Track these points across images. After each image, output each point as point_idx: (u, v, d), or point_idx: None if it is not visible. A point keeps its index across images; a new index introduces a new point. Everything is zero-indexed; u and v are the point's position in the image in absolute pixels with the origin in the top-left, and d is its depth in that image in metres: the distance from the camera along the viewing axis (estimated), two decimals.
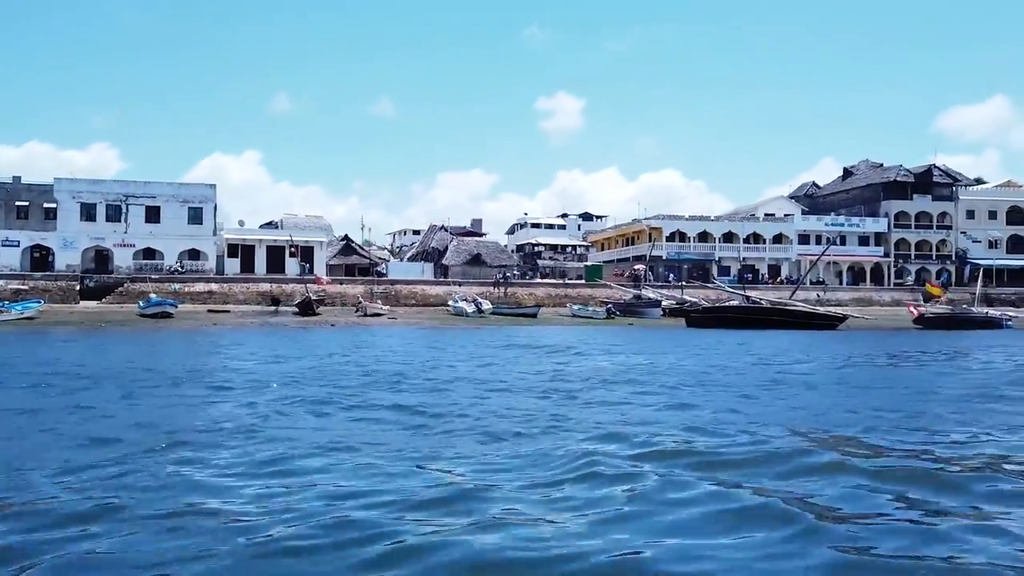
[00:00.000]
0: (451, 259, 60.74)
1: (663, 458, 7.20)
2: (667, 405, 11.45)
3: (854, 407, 11.28)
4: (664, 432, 8.68)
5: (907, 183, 75.02)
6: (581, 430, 8.91)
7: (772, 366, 18.95)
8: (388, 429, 9.19)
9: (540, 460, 7.17)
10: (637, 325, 46.59)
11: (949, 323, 43.52)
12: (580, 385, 14.06)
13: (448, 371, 16.64)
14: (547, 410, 10.74)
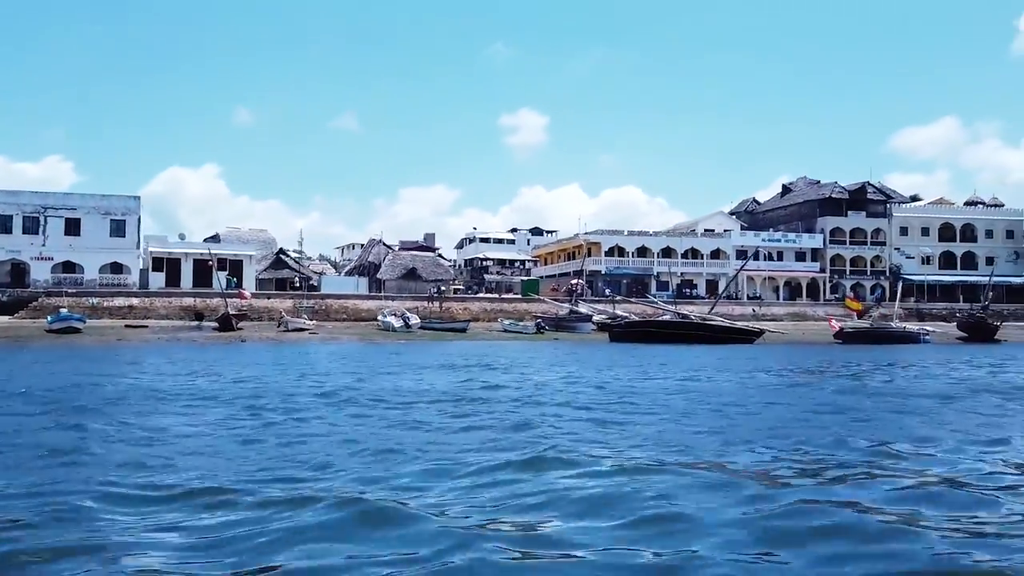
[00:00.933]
0: (386, 273, 60.09)
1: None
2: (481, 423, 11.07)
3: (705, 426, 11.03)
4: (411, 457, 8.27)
5: (842, 200, 76.44)
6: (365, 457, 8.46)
7: (655, 381, 18.74)
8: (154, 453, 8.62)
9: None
10: (566, 340, 46.49)
11: (868, 338, 44.15)
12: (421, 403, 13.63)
13: (312, 387, 16.06)
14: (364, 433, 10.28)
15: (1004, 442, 9.64)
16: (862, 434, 10.11)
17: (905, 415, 12.67)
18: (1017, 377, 21.42)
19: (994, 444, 9.49)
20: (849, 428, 10.90)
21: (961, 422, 11.69)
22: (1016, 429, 11.03)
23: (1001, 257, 78.26)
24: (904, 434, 10.32)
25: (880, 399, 15.30)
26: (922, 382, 19.68)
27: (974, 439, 9.85)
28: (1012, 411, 13.38)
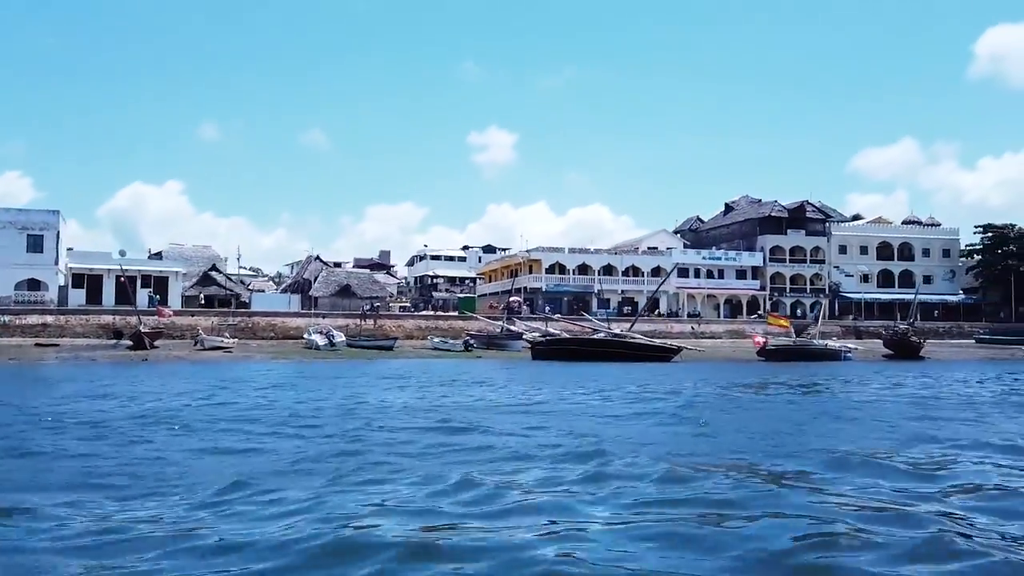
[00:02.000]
0: (319, 290, 59.15)
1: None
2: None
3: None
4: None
5: (782, 218, 77.23)
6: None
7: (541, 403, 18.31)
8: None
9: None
10: (494, 357, 46.10)
11: (790, 355, 44.33)
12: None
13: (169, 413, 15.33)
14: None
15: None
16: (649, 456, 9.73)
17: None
18: (894, 395, 21.40)
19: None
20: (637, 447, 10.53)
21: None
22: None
23: (938, 275, 79.65)
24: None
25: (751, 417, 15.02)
26: (799, 400, 19.52)
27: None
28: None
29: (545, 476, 8.57)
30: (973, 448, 11.06)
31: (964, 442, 11.64)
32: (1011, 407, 18.25)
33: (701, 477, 8.36)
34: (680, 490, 7.71)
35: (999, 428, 13.75)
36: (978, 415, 16.15)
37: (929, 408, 17.62)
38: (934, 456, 10.38)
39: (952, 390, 23.93)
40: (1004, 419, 15.44)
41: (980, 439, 12.00)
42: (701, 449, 10.92)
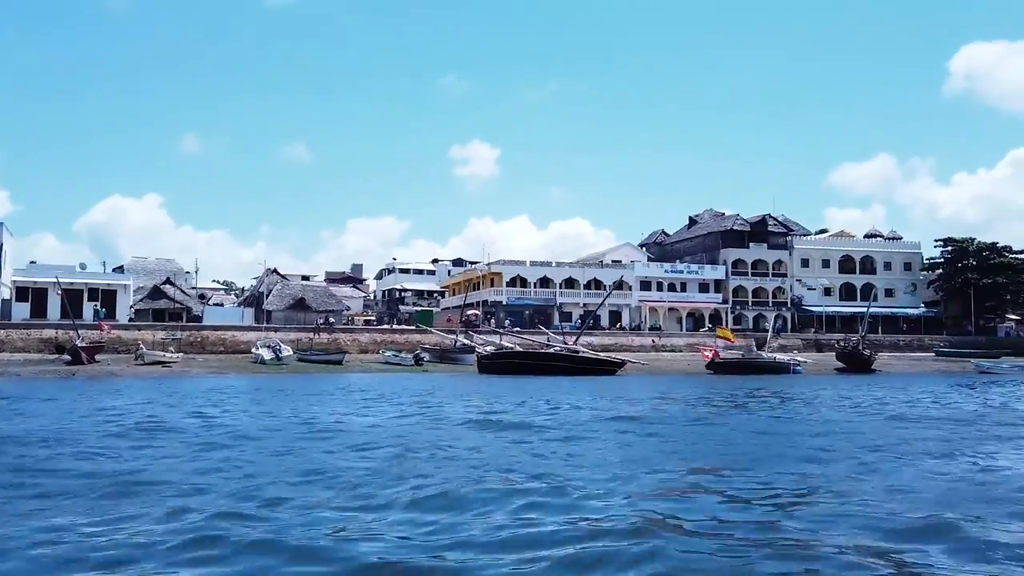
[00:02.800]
0: (273, 303, 58.32)
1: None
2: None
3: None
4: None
5: (744, 232, 77.46)
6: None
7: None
8: None
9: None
10: (443, 371, 45.64)
11: (738, 368, 44.19)
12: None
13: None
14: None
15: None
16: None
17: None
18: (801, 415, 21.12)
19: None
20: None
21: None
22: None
23: (900, 289, 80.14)
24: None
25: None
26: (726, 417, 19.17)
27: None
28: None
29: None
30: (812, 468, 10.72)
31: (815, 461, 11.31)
32: (908, 422, 18.01)
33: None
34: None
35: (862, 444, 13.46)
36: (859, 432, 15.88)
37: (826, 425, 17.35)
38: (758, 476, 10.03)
39: (876, 404, 23.74)
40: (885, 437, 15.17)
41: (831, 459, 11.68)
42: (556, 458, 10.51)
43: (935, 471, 10.36)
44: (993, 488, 9.11)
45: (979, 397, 27.15)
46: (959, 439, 14.32)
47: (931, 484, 9.33)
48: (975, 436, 14.92)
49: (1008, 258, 76.18)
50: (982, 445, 13.47)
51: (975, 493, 8.79)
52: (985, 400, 25.62)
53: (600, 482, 9.17)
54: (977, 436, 14.94)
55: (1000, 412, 20.90)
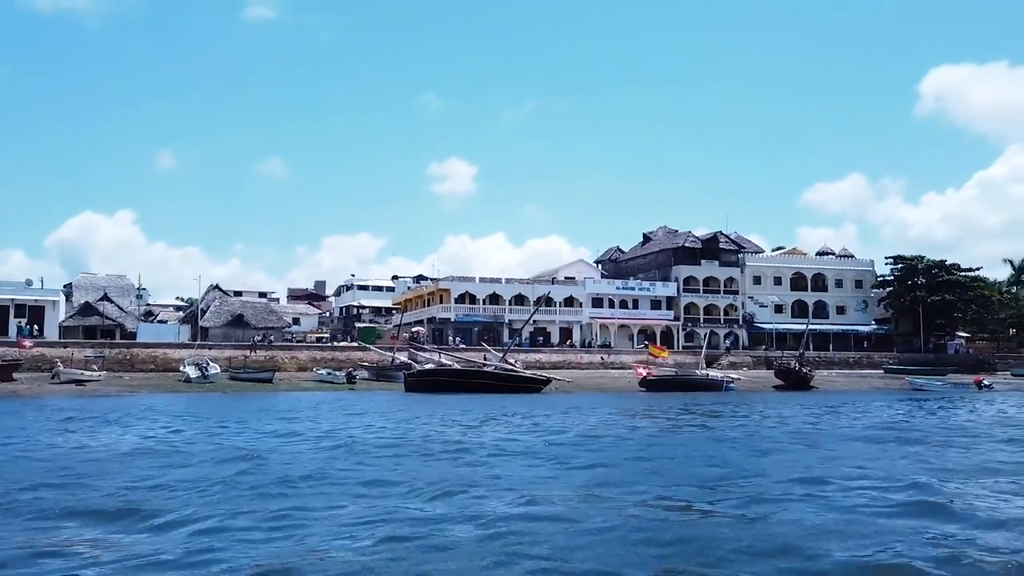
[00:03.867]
0: (211, 320, 57.17)
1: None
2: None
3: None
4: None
5: (696, 249, 77.47)
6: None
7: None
8: None
9: None
10: (376, 389, 45.05)
11: (671, 385, 43.85)
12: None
13: None
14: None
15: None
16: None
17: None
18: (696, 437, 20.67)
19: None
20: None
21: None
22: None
23: (851, 306, 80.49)
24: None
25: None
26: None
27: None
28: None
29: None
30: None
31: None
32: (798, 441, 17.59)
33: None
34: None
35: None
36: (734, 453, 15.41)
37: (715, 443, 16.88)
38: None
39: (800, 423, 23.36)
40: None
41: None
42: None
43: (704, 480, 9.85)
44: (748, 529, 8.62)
45: (885, 414, 26.91)
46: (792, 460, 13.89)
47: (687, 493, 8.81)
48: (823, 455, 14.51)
49: (956, 276, 76.78)
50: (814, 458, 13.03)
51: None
52: (889, 417, 25.38)
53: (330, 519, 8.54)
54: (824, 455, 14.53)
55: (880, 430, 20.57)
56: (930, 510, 8.84)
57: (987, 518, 8.38)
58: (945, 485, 10.59)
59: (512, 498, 9.42)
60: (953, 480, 11.14)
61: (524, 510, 8.71)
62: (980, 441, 17.49)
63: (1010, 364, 71.87)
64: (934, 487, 10.38)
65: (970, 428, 21.41)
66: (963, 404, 33.45)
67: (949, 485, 10.63)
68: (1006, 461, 13.74)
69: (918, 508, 8.92)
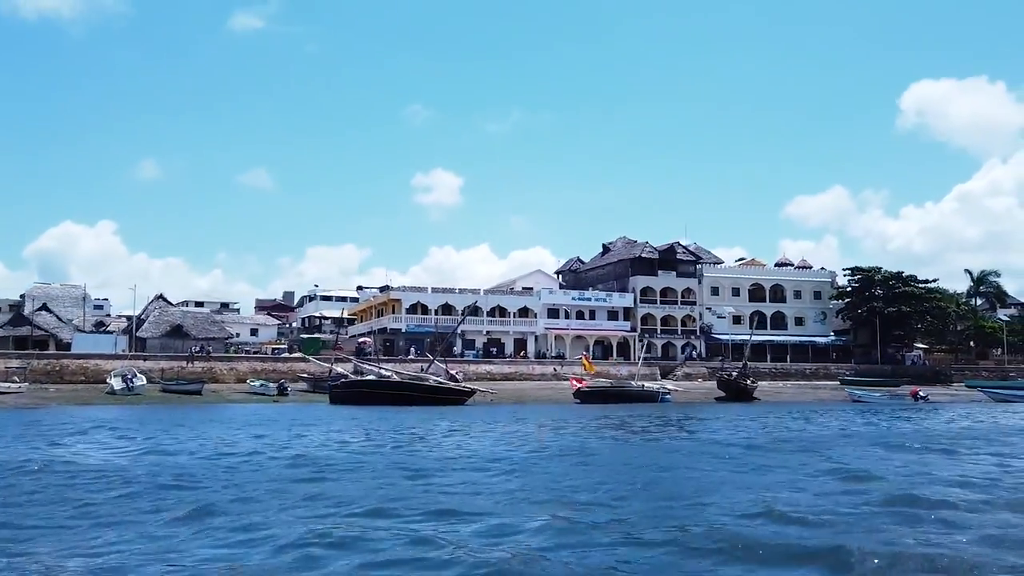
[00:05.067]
0: (149, 331, 55.98)
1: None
2: None
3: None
4: None
5: (653, 259, 77.01)
6: None
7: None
8: None
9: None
10: (312, 401, 44.15)
11: (605, 397, 43.16)
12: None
13: None
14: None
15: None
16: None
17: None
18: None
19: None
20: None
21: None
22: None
23: (810, 317, 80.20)
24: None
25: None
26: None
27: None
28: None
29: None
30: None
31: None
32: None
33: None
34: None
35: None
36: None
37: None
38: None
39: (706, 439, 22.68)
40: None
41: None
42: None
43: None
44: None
45: (795, 424, 26.29)
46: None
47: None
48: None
49: (913, 287, 76.67)
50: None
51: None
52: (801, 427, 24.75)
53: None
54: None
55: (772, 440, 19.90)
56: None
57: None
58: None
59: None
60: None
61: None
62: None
63: (967, 375, 71.72)
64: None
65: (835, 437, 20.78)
66: (885, 416, 32.91)
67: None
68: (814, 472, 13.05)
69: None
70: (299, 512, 9.17)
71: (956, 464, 14.52)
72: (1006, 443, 19.22)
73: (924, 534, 7.66)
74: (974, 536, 7.55)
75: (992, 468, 13.70)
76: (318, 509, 9.40)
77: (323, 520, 8.62)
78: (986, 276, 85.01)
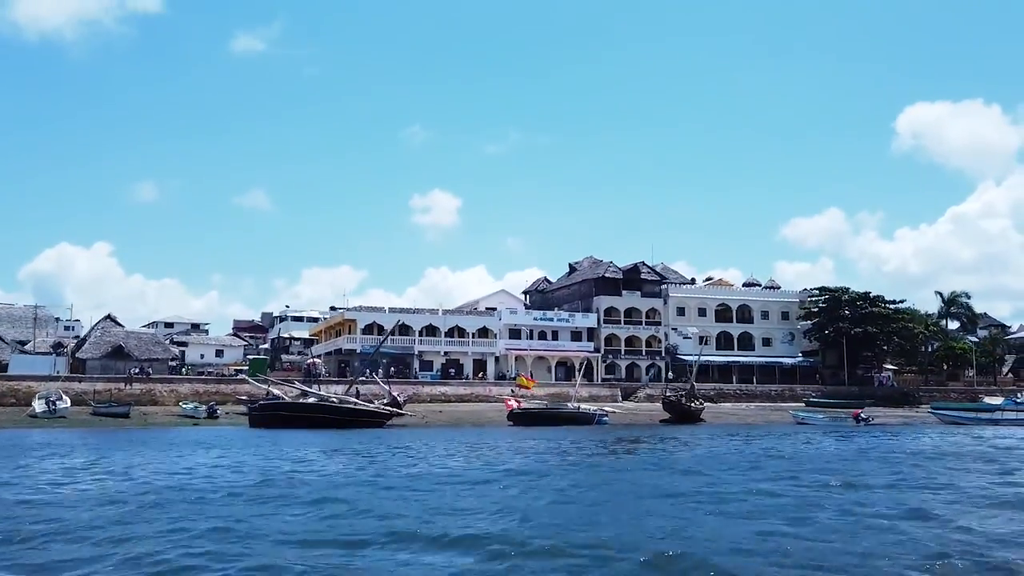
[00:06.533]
0: (89, 351, 54.71)
1: None
2: None
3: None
4: None
5: (617, 279, 76.00)
6: None
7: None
8: None
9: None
10: (241, 424, 42.82)
11: (539, 419, 41.94)
12: None
13: None
14: None
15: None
16: None
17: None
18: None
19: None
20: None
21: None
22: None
23: (777, 338, 79.09)
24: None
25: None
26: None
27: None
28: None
29: None
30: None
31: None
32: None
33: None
34: None
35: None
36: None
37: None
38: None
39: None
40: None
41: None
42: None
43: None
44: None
45: (712, 450, 25.16)
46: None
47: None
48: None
49: (881, 308, 75.68)
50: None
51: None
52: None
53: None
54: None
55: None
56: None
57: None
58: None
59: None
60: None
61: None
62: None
63: (935, 397, 70.47)
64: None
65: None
66: (816, 438, 31.77)
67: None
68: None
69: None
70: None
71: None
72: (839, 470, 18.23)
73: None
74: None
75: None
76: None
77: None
78: (957, 297, 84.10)
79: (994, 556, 8.17)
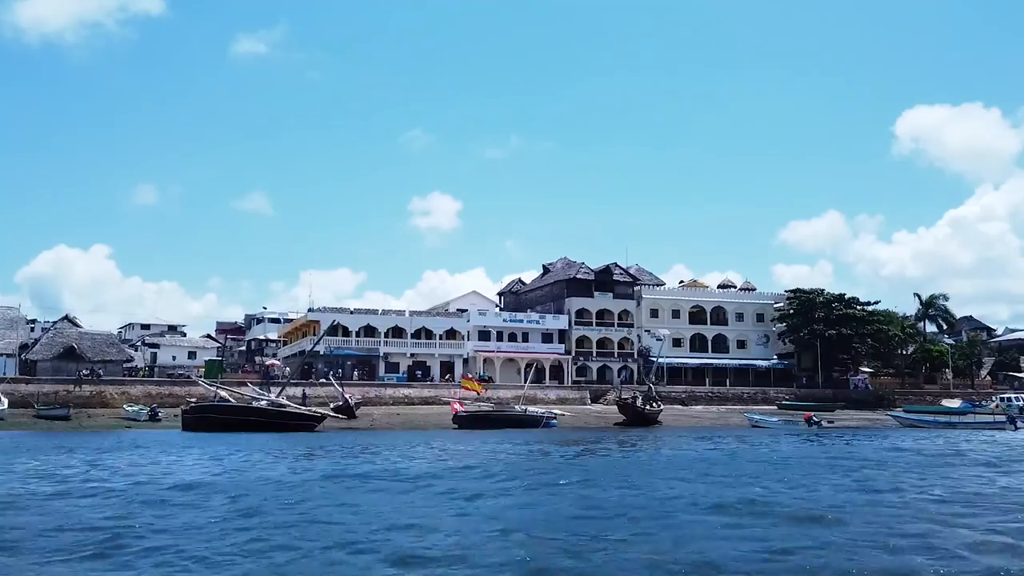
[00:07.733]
0: (40, 353, 53.73)
1: None
2: None
3: None
4: None
5: (589, 281, 75.07)
6: None
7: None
8: None
9: None
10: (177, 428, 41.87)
11: (484, 422, 41.01)
12: None
13: None
14: None
15: None
16: None
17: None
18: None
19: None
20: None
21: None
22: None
23: (752, 340, 78.14)
24: None
25: None
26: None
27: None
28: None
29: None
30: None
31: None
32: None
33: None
34: None
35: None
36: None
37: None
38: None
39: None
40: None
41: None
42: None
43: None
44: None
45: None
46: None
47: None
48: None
49: (855, 310, 74.80)
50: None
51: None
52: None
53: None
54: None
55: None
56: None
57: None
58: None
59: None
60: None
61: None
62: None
63: (910, 400, 69.62)
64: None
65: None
66: (764, 441, 30.87)
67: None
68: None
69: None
70: None
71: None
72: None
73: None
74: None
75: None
76: None
77: None
78: (934, 300, 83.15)
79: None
